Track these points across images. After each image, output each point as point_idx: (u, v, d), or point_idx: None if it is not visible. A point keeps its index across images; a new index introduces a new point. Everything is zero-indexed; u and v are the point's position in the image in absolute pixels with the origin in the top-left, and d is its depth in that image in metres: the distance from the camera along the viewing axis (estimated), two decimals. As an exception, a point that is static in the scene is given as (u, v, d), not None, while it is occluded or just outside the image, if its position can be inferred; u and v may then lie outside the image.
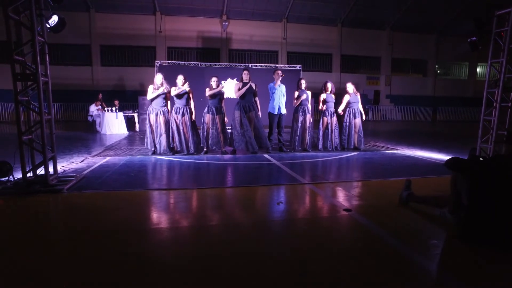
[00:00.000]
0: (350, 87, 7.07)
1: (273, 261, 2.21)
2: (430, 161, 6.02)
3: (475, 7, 16.92)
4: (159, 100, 6.17)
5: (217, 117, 6.40)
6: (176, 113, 6.22)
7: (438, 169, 5.13)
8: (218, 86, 6.39)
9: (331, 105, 7.02)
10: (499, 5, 4.89)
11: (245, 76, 6.45)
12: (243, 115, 6.41)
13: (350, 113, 7.05)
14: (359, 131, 7.13)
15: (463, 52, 21.38)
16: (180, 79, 6.25)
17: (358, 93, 7.17)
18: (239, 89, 6.38)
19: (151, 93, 6.15)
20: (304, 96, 6.77)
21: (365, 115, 7.48)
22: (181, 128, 6.26)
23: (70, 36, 15.09)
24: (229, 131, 6.83)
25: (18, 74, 3.77)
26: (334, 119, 7.04)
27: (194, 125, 6.44)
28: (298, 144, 6.94)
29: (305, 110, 6.85)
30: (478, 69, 25.01)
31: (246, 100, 6.44)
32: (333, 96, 7.04)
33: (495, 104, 5.12)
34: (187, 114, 6.26)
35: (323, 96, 6.98)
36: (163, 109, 6.21)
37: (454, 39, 22.16)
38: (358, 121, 7.06)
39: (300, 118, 6.82)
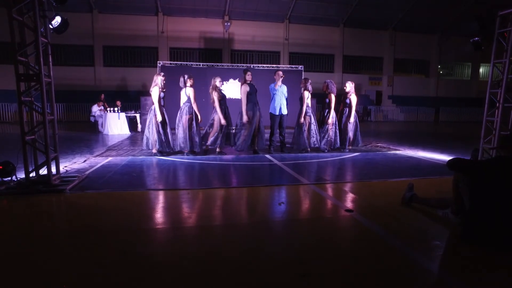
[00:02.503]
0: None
1: (275, 261, 2.21)
2: (433, 162, 6.00)
3: (478, 8, 16.88)
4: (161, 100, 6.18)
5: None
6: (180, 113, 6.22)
7: (440, 170, 5.11)
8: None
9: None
10: (503, 5, 4.86)
11: (249, 77, 6.47)
12: (252, 116, 6.42)
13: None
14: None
15: (465, 53, 21.32)
16: (188, 81, 6.21)
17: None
18: (247, 92, 6.36)
19: (156, 95, 6.03)
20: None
21: (367, 116, 7.45)
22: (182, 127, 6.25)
23: (73, 37, 15.17)
24: (232, 131, 6.82)
25: (22, 75, 3.79)
26: (307, 118, 6.84)
27: (191, 125, 6.36)
28: (307, 144, 6.90)
29: (310, 111, 6.84)
30: (481, 70, 24.92)
31: (254, 101, 6.47)
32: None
33: (498, 104, 5.09)
34: (187, 114, 6.23)
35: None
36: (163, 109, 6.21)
37: (456, 40, 22.09)
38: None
39: (307, 119, 6.80)
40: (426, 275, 2.10)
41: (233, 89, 11.87)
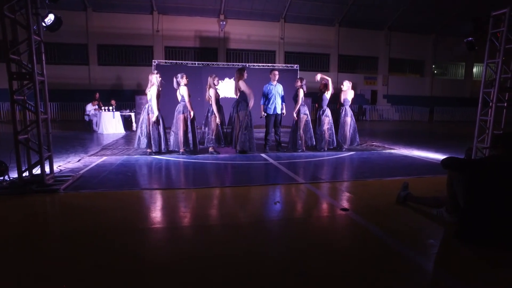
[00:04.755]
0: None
1: (271, 260, 2.21)
2: (427, 161, 6.05)
3: (472, 8, 17.03)
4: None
5: (212, 117, 6.37)
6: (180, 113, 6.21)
7: (435, 169, 5.15)
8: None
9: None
10: (496, 6, 4.90)
11: (246, 75, 6.49)
12: (250, 116, 6.43)
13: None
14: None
15: (460, 53, 21.51)
16: (182, 80, 6.19)
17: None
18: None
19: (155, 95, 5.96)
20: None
21: (363, 115, 7.51)
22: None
23: (67, 35, 15.02)
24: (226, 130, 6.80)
25: (14, 73, 3.75)
26: (304, 117, 6.84)
27: (186, 124, 6.30)
28: (302, 143, 6.87)
29: (306, 110, 6.86)
30: (475, 70, 25.17)
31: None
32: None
33: (491, 104, 5.14)
34: (182, 113, 6.20)
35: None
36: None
37: (451, 40, 22.28)
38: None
39: (304, 118, 6.80)
40: (422, 273, 2.11)
41: (228, 88, 11.85)
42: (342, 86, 7.10)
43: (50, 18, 3.98)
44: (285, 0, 18.98)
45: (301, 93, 6.67)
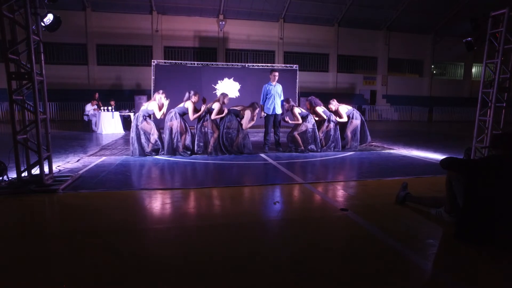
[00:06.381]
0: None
1: (270, 260, 2.21)
2: (426, 161, 6.05)
3: (471, 8, 17.06)
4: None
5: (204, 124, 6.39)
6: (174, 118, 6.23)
7: (434, 169, 5.16)
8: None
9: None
10: (495, 6, 4.92)
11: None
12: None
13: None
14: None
15: (459, 53, 21.57)
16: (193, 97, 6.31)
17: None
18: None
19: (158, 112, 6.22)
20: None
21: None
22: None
23: (66, 35, 15.02)
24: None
25: (13, 73, 3.74)
26: (308, 125, 6.88)
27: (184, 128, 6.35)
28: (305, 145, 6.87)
29: (311, 117, 6.89)
30: (474, 70, 25.21)
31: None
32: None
33: (490, 104, 5.16)
34: (176, 119, 6.22)
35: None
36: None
37: (450, 40, 22.31)
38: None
39: (309, 125, 6.79)
40: (421, 273, 2.11)
41: (227, 88, 11.86)
42: (330, 106, 7.10)
43: (49, 18, 3.98)
44: (284, 0, 18.98)
45: (296, 110, 6.70)
